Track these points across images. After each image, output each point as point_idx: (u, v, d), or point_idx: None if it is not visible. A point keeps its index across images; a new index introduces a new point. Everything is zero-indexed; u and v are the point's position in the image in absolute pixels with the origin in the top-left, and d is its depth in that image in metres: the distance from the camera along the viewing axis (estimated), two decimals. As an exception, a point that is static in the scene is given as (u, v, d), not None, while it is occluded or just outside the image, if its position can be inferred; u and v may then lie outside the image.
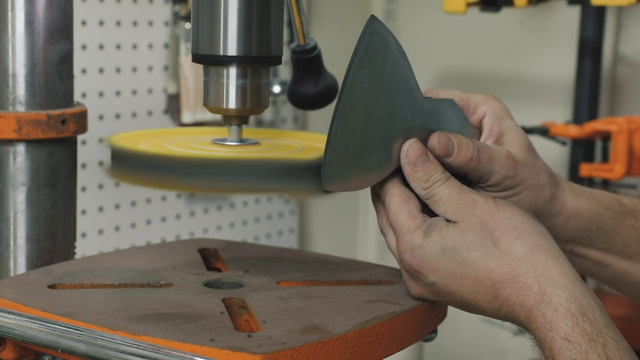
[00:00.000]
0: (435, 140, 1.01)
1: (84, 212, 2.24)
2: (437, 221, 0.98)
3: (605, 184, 2.28)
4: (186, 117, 2.37)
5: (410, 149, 1.00)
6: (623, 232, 1.12)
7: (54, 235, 1.18)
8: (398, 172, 1.02)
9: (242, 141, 1.08)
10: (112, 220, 2.33)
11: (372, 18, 0.97)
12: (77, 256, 1.22)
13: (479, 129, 1.07)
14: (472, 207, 0.97)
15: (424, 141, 1.01)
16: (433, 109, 1.03)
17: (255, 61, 1.05)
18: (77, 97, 1.23)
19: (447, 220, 0.98)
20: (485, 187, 1.03)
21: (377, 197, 1.04)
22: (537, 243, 0.95)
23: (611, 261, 1.13)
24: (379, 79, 0.97)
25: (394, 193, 1.01)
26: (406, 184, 1.02)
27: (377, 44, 0.97)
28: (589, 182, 2.28)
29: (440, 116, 1.03)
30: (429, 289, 0.99)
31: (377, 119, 0.98)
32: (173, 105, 2.39)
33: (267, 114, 2.64)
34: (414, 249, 0.97)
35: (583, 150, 2.30)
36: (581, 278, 0.95)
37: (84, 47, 2.19)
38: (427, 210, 1.01)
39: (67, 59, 1.18)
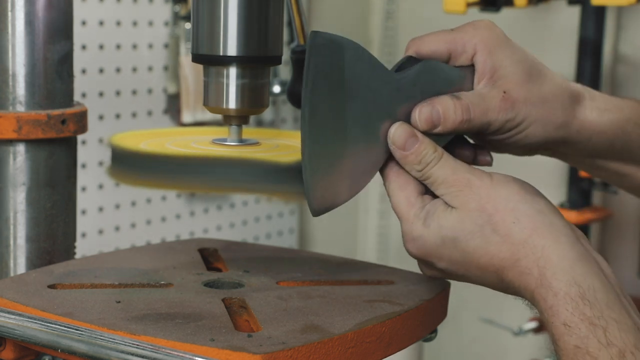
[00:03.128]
0: (416, 115, 0.97)
1: (84, 212, 2.25)
2: (435, 206, 0.95)
3: (605, 184, 2.28)
4: (186, 117, 2.37)
5: (395, 134, 0.96)
6: None
7: (54, 235, 1.18)
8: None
9: (242, 141, 1.08)
10: (112, 220, 2.33)
11: (312, 35, 0.93)
12: (77, 256, 1.22)
13: (472, 66, 1.02)
14: (467, 190, 0.94)
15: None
16: (413, 80, 0.98)
17: (255, 61, 1.05)
18: (77, 97, 1.23)
19: (446, 204, 0.95)
20: (487, 137, 1.01)
21: None
22: (536, 225, 0.92)
23: (630, 171, 1.10)
24: (339, 88, 0.94)
25: (391, 179, 0.98)
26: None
27: (323, 58, 0.93)
28: (589, 182, 2.28)
29: (422, 84, 0.98)
30: (439, 272, 0.98)
31: (351, 124, 0.95)
32: (173, 105, 2.39)
33: (267, 114, 2.64)
34: (415, 240, 0.95)
35: (583, 150, 2.30)
36: (586, 256, 0.91)
37: (84, 47, 2.19)
38: (429, 190, 0.98)
39: (67, 59, 1.18)
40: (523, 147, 1.05)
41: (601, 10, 2.24)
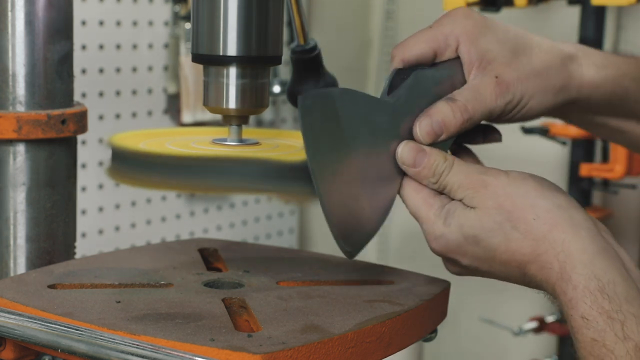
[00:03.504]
0: (417, 130, 0.98)
1: (84, 212, 2.25)
2: (455, 205, 0.96)
3: (605, 184, 2.28)
4: (186, 117, 2.37)
5: (403, 154, 0.98)
6: None
7: (54, 235, 1.18)
8: None
9: (242, 141, 1.08)
10: (112, 220, 2.33)
11: (300, 98, 0.95)
12: (77, 256, 1.22)
13: (459, 58, 1.02)
14: (484, 191, 0.95)
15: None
16: (406, 98, 0.99)
17: (255, 61, 1.05)
18: (77, 97, 1.23)
19: (466, 207, 0.96)
20: (495, 121, 1.01)
21: None
22: (556, 220, 0.92)
23: (630, 128, 1.10)
24: (339, 137, 0.96)
25: (405, 184, 0.99)
26: None
27: (315, 116, 0.95)
28: (589, 182, 2.28)
29: (416, 97, 1.00)
30: (464, 269, 0.98)
31: (360, 161, 0.97)
32: (173, 105, 2.39)
33: (267, 114, 2.64)
34: (437, 238, 0.96)
35: (583, 150, 2.30)
36: (608, 250, 0.92)
37: (84, 47, 2.19)
38: None
39: (67, 59, 1.18)
40: (528, 118, 1.05)
41: (601, 10, 2.24)
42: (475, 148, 1.07)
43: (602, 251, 0.91)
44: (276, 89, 2.50)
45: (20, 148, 1.15)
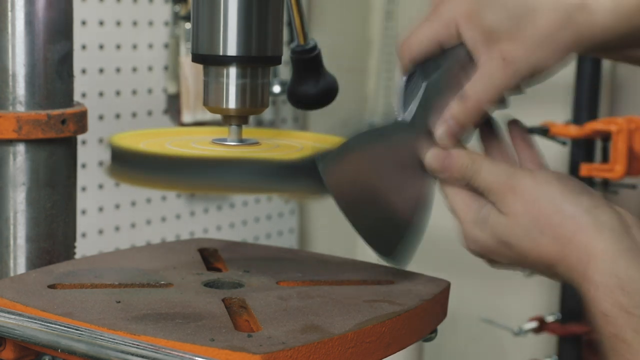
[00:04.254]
0: (437, 136, 1.00)
1: (84, 212, 2.24)
2: (489, 212, 0.99)
3: (605, 184, 2.28)
4: (186, 117, 2.37)
5: (430, 162, 1.00)
6: None
7: (54, 235, 1.18)
8: None
9: (242, 141, 1.08)
10: (112, 220, 2.33)
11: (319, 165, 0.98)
12: (77, 256, 1.22)
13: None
14: (512, 196, 0.97)
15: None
16: (421, 109, 1.01)
17: (255, 61, 1.05)
18: (77, 97, 1.23)
19: (497, 210, 0.99)
20: (508, 95, 1.00)
21: None
22: (579, 225, 0.95)
23: None
24: (366, 180, 1.00)
25: (449, 192, 1.02)
26: None
27: (335, 178, 0.99)
28: (589, 182, 2.28)
29: (430, 104, 1.00)
30: (500, 266, 1.03)
31: (391, 188, 1.01)
32: (173, 105, 2.39)
33: (267, 114, 2.64)
34: (474, 242, 1.00)
35: (583, 150, 2.30)
36: (632, 248, 0.94)
37: (84, 47, 2.19)
38: None
39: (67, 59, 1.18)
40: (542, 80, 1.01)
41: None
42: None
43: (626, 250, 0.94)
44: (276, 89, 2.50)
45: (20, 148, 1.15)
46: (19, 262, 1.17)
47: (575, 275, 0.95)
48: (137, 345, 0.89)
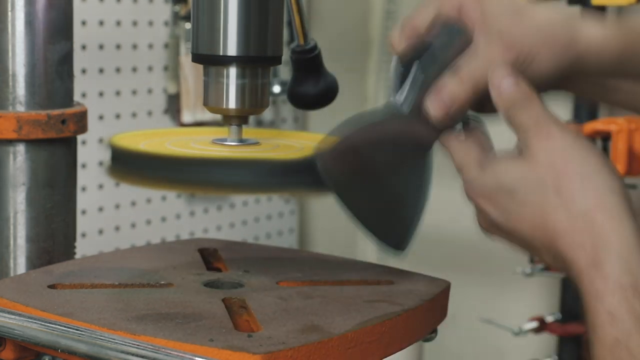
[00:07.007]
0: (428, 107, 0.96)
1: (84, 212, 2.24)
2: (494, 158, 0.92)
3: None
4: (186, 117, 2.37)
5: (494, 81, 0.93)
6: None
7: (54, 235, 1.18)
8: None
9: (242, 141, 1.08)
10: (112, 220, 2.33)
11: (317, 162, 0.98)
12: (77, 256, 1.22)
13: (461, 22, 0.99)
14: (544, 141, 0.89)
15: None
16: (412, 92, 0.99)
17: (255, 61, 1.05)
18: (77, 97, 1.23)
19: (512, 155, 0.91)
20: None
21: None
22: (602, 201, 0.85)
23: None
24: (365, 172, 0.99)
25: (451, 142, 0.97)
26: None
27: (338, 170, 0.98)
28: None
29: (422, 79, 0.99)
30: (492, 226, 0.93)
31: (386, 185, 1.00)
32: (173, 105, 2.39)
33: (267, 114, 2.64)
34: (471, 182, 0.92)
35: (583, 150, 2.30)
36: None
37: (84, 47, 2.19)
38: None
39: (67, 59, 1.18)
40: (538, 78, 0.99)
41: (601, 11, 2.24)
42: None
43: None
44: (276, 89, 2.50)
45: (20, 148, 1.15)
46: (19, 262, 1.17)
47: (579, 256, 0.84)
48: (137, 345, 0.89)
